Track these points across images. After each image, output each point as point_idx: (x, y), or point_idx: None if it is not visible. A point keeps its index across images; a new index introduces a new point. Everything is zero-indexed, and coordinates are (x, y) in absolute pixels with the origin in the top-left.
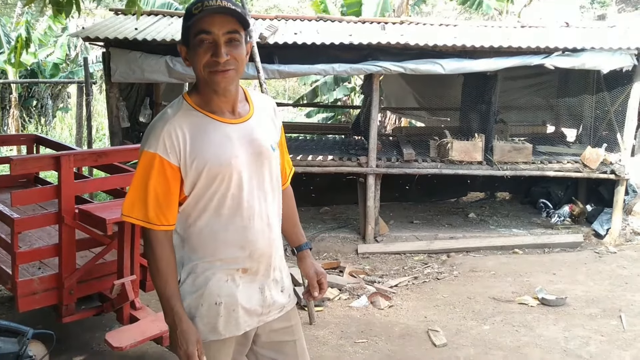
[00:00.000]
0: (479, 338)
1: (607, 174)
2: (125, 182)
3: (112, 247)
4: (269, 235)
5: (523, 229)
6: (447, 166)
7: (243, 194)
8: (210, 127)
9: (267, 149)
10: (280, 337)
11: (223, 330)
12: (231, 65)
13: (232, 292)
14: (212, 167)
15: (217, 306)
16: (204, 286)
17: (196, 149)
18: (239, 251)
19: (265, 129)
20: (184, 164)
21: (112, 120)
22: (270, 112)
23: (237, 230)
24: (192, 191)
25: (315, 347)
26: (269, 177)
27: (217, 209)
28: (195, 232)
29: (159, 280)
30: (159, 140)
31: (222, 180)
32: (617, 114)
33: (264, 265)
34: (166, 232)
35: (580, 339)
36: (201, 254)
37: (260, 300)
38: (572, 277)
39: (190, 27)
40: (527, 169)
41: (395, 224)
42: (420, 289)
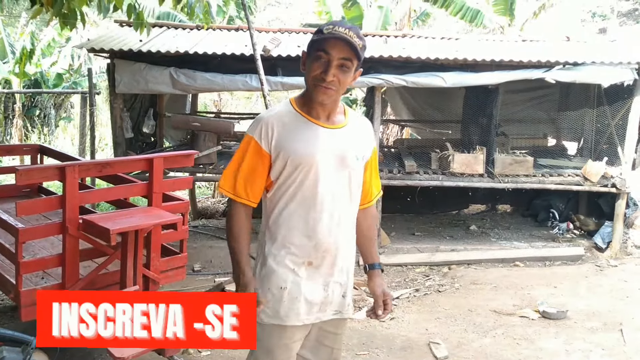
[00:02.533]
0: (480, 351)
1: (608, 188)
2: (129, 193)
3: (115, 258)
4: (337, 235)
5: (524, 241)
6: (449, 178)
7: (319, 189)
8: (302, 125)
9: (351, 156)
10: (323, 340)
11: (284, 316)
12: (334, 85)
13: (297, 281)
14: (295, 157)
15: (282, 290)
16: (273, 272)
17: (285, 141)
18: (305, 240)
19: (355, 141)
20: (274, 151)
21: (115, 130)
22: (364, 131)
23: (308, 219)
24: (278, 177)
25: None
26: (347, 183)
27: (295, 196)
28: (275, 216)
29: (232, 241)
30: (258, 128)
31: (301, 172)
32: (617, 128)
33: (327, 262)
34: (246, 206)
35: (581, 353)
36: (276, 237)
37: (322, 297)
38: (573, 290)
39: (315, 42)
40: (528, 182)
41: (397, 235)
42: (421, 301)
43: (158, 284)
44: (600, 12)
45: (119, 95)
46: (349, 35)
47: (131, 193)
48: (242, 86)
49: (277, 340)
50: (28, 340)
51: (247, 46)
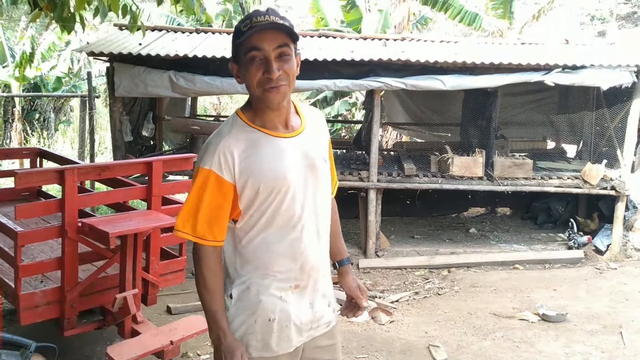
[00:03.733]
0: (479, 354)
1: (608, 190)
2: (128, 196)
3: (114, 261)
4: (318, 247)
5: (524, 244)
6: (448, 181)
7: (296, 207)
8: (264, 142)
9: (320, 162)
10: (323, 355)
11: (276, 346)
12: (283, 80)
13: (285, 308)
14: (267, 182)
15: (270, 322)
16: (258, 303)
17: (251, 166)
18: (291, 263)
19: (317, 142)
20: (239, 181)
21: (115, 134)
22: (319, 125)
23: (289, 241)
24: (248, 206)
25: None
26: (320, 190)
27: (272, 221)
28: (249, 246)
29: (206, 295)
30: (214, 158)
31: (277, 194)
32: (617, 131)
33: (313, 279)
34: (215, 248)
35: (580, 355)
36: (254, 268)
37: (311, 315)
38: (573, 293)
39: (240, 45)
40: (528, 185)
41: (397, 238)
42: (421, 304)
43: (157, 287)
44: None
45: (119, 98)
46: (273, 20)
47: (130, 196)
48: (241, 89)
49: None
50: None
51: None
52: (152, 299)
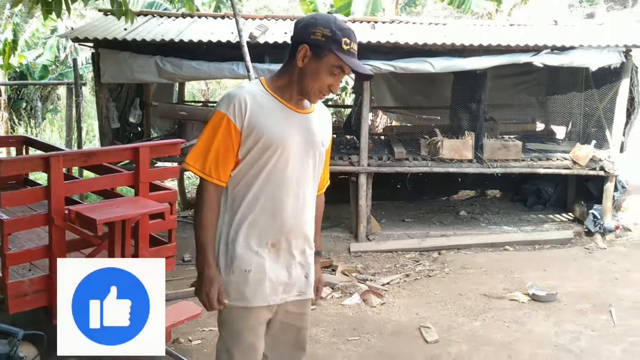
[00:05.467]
0: (470, 334)
1: (597, 171)
2: (115, 183)
3: (102, 248)
4: (301, 216)
5: (513, 225)
6: (438, 164)
7: (287, 171)
8: (276, 107)
9: (318, 141)
10: (290, 320)
11: (251, 298)
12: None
13: (261, 263)
14: (268, 137)
15: (246, 273)
16: (236, 254)
17: (259, 119)
18: (271, 220)
19: (320, 127)
20: (246, 130)
21: (102, 121)
22: (326, 120)
23: (275, 200)
24: (245, 156)
25: (308, 345)
26: (312, 167)
27: (263, 177)
28: (240, 195)
29: (199, 227)
30: (231, 104)
31: (273, 152)
32: (605, 111)
33: (289, 242)
34: (217, 187)
35: (570, 334)
36: (240, 219)
37: (286, 278)
38: (563, 273)
39: (332, 52)
40: (517, 167)
41: (387, 222)
42: (412, 286)
43: None
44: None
45: (104, 85)
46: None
47: (117, 183)
48: (228, 74)
49: (243, 322)
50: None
51: (234, 33)
52: None
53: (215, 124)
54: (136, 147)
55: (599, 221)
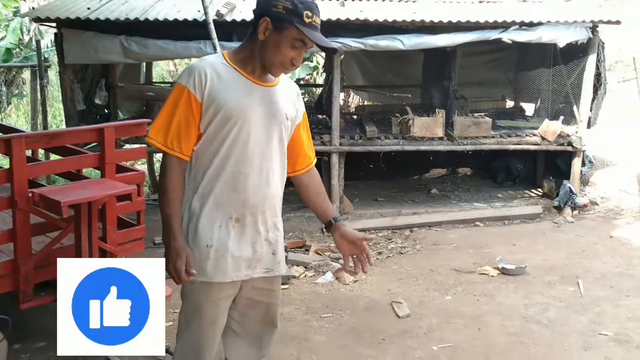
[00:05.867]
0: (441, 308)
1: (565, 146)
2: (79, 164)
3: (69, 231)
4: (265, 192)
5: (484, 202)
6: (409, 143)
7: (249, 144)
8: (236, 78)
9: (281, 114)
10: (257, 297)
11: (211, 273)
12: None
13: (224, 238)
14: (228, 109)
15: (207, 248)
16: (198, 227)
17: (219, 91)
18: (234, 195)
19: (285, 101)
20: (206, 102)
21: (67, 102)
22: (292, 93)
23: (237, 175)
24: (207, 129)
25: (281, 323)
26: (277, 141)
27: (225, 151)
28: (202, 170)
29: (164, 200)
30: (191, 77)
31: (233, 125)
32: (573, 87)
33: (255, 218)
34: (180, 160)
35: (539, 306)
36: (203, 192)
37: (250, 254)
38: (532, 247)
39: (294, 25)
40: (487, 143)
41: (360, 202)
42: (384, 263)
43: (116, 257)
44: None
45: (69, 66)
46: (319, 23)
47: (82, 164)
48: (196, 53)
49: (205, 297)
50: None
51: (200, 12)
52: None
53: (176, 96)
54: (101, 128)
55: (572, 195)
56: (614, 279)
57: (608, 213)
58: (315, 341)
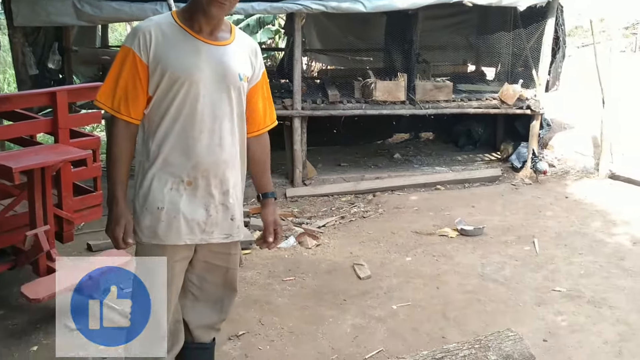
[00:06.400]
0: (401, 269)
1: (524, 110)
2: (31, 130)
3: (22, 198)
4: (219, 155)
5: (445, 166)
6: (372, 107)
7: (198, 106)
8: (183, 38)
9: (234, 75)
10: (215, 260)
11: (163, 236)
12: (228, 1)
13: (175, 201)
14: (174, 71)
15: (159, 211)
16: (149, 190)
17: (164, 52)
18: (184, 159)
19: (239, 60)
20: (152, 63)
21: (18, 67)
22: (249, 51)
23: (187, 138)
24: (155, 92)
25: (243, 287)
26: (229, 102)
27: (173, 113)
28: (152, 133)
29: (110, 165)
30: (136, 38)
31: (180, 86)
32: (532, 51)
33: (207, 181)
34: (127, 124)
35: (496, 265)
36: (154, 155)
37: (204, 217)
38: (490, 208)
39: None
40: (448, 107)
41: (323, 167)
42: (347, 227)
43: (73, 224)
44: None
45: (18, 28)
46: None
47: (34, 130)
48: (152, 14)
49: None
50: None
51: None
52: (68, 236)
53: (121, 59)
54: (53, 92)
55: (534, 159)
56: (569, 238)
57: (564, 175)
58: (278, 304)
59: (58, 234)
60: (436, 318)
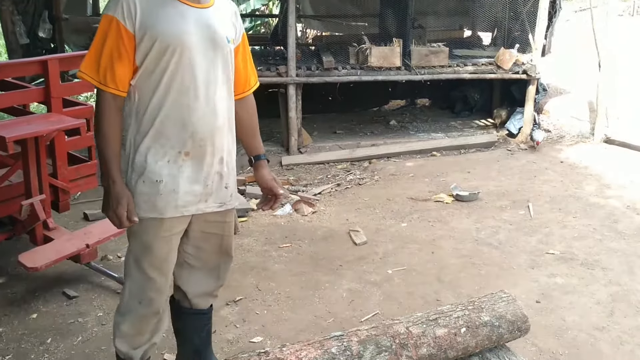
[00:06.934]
0: (397, 235)
1: (520, 74)
2: (24, 99)
3: (17, 168)
4: (214, 122)
5: (441, 132)
6: (367, 73)
7: (191, 73)
8: (168, 3)
9: (222, 37)
10: (210, 229)
11: (162, 208)
12: None
13: (174, 173)
14: (163, 38)
15: (157, 184)
16: (146, 164)
17: (151, 19)
18: (181, 130)
19: (223, 22)
20: (139, 32)
21: (8, 36)
22: (230, 13)
23: (182, 107)
24: (143, 62)
25: (240, 254)
26: (221, 67)
27: (166, 82)
28: (144, 104)
29: (100, 142)
30: (119, 6)
31: (172, 54)
32: (529, 15)
33: (204, 150)
34: (115, 96)
35: (490, 229)
36: (148, 128)
37: (202, 187)
38: (486, 174)
39: None
40: (444, 73)
41: (319, 134)
42: (342, 194)
43: (68, 193)
44: None
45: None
46: None
47: (27, 99)
48: None
49: (155, 234)
50: None
51: None
52: (64, 206)
53: (104, 29)
54: (44, 60)
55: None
56: (563, 202)
57: (560, 139)
58: (274, 270)
59: (54, 203)
60: (431, 282)
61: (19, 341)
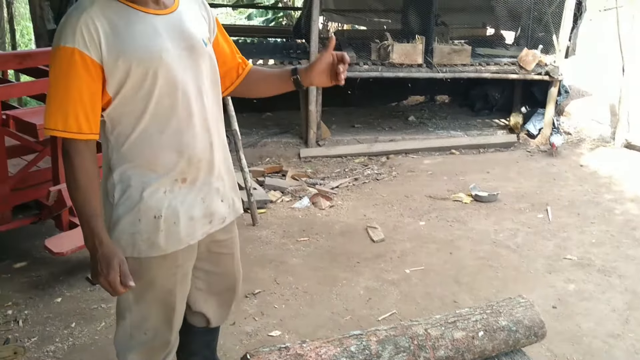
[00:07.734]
0: (415, 233)
1: (542, 75)
2: None
3: (45, 154)
4: (208, 139)
5: (460, 130)
6: (388, 69)
7: (178, 93)
8: (133, 18)
9: (200, 43)
10: (220, 249)
11: (164, 245)
12: None
13: (173, 204)
14: (140, 62)
15: (156, 220)
16: (140, 200)
17: (120, 43)
18: (176, 156)
19: (195, 22)
20: (108, 61)
21: (36, 21)
22: (196, 6)
23: (173, 133)
24: (119, 92)
25: (259, 246)
26: (205, 77)
27: (152, 110)
28: (126, 139)
29: (78, 197)
30: (76, 33)
31: (153, 78)
32: (554, 16)
33: (203, 172)
34: (87, 142)
35: (508, 231)
36: (135, 163)
37: (203, 210)
38: (505, 175)
39: None
40: (466, 71)
41: (337, 128)
42: (360, 189)
43: None
44: None
45: None
46: None
47: None
48: None
49: (157, 271)
50: None
51: None
52: None
53: (64, 64)
54: None
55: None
56: (582, 207)
57: (580, 142)
58: (292, 264)
59: None
60: (448, 283)
61: (44, 324)
